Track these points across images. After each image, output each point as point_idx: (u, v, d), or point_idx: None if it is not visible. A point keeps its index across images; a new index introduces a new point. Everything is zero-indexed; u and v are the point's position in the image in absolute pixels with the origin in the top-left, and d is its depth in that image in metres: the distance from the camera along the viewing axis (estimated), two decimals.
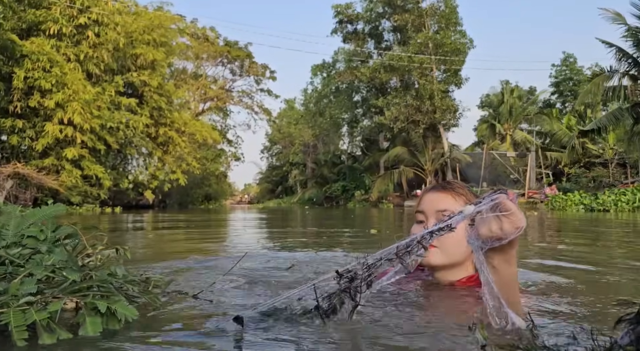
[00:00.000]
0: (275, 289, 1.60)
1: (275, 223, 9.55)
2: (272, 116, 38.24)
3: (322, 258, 2.87)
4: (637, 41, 18.92)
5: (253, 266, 2.25)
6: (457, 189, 1.45)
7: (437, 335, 1.02)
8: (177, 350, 0.90)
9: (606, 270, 2.30)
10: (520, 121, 38.57)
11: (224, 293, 1.52)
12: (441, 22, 31.94)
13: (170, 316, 1.17)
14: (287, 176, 57.82)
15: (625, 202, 14.63)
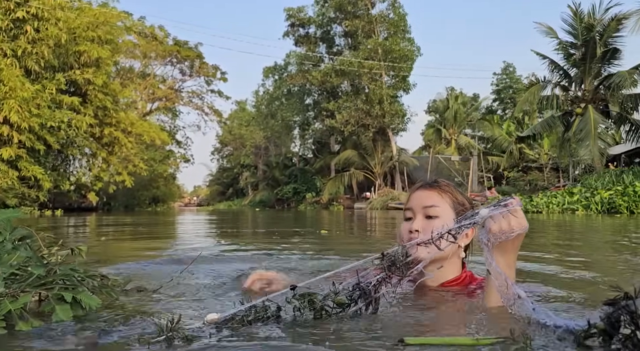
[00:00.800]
0: (231, 287, 1.73)
1: (226, 224, 9.55)
2: (223, 118, 37.81)
3: (274, 257, 3.01)
4: (567, 54, 20.39)
5: (207, 266, 2.36)
6: (443, 186, 1.51)
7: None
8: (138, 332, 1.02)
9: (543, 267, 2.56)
10: (464, 126, 40.31)
11: (180, 289, 1.64)
12: (390, 29, 32.85)
13: (131, 307, 1.28)
14: (238, 178, 57.22)
15: (555, 204, 15.76)
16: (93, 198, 21.94)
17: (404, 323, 1.17)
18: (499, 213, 1.16)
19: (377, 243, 5.01)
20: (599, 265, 2.91)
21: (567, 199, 15.73)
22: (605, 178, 16.96)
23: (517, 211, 1.16)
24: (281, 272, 1.65)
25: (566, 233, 6.62)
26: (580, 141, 19.18)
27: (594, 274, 2.24)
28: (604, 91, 19.62)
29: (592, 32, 19.07)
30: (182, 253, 3.28)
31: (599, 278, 2.11)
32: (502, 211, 1.16)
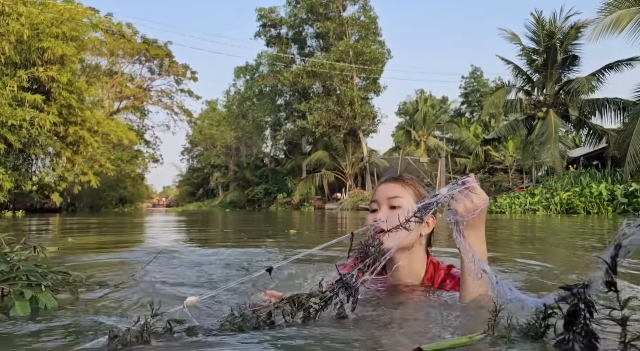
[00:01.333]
0: (197, 284, 1.79)
1: (195, 225, 9.49)
2: (193, 117, 37.30)
3: (242, 253, 3.07)
4: (530, 60, 21.13)
5: (169, 262, 2.41)
6: (407, 180, 1.58)
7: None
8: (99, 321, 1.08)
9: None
10: (433, 128, 41.05)
11: (140, 285, 1.70)
12: (361, 32, 33.20)
13: (93, 302, 1.34)
14: (209, 178, 56.57)
15: (518, 205, 16.33)
16: (57, 199, 21.31)
17: (405, 331, 1.17)
18: (457, 190, 1.23)
19: (344, 241, 5.12)
20: (554, 259, 3.11)
21: (529, 200, 16.31)
22: (565, 179, 17.68)
23: (475, 188, 1.24)
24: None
25: (526, 231, 6.92)
26: (542, 144, 19.90)
27: (550, 266, 2.42)
28: (564, 96, 20.42)
29: (553, 39, 19.83)
30: (144, 252, 3.31)
31: (554, 269, 2.29)
32: (461, 189, 1.23)
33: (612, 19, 14.99)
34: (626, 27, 14.91)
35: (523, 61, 21.32)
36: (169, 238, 5.48)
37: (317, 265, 2.28)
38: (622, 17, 14.83)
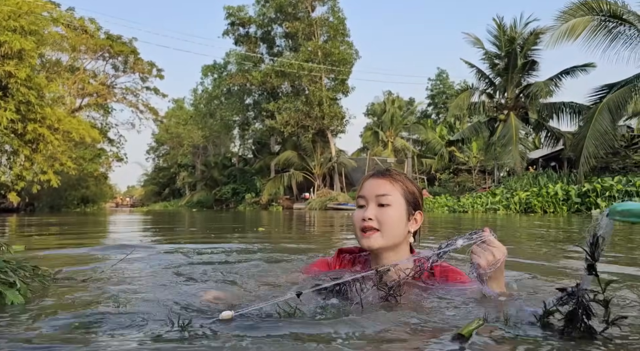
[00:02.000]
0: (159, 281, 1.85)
1: (161, 225, 9.38)
2: (159, 116, 36.52)
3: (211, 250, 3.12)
4: (492, 64, 21.83)
5: (141, 259, 2.45)
6: (395, 175, 1.52)
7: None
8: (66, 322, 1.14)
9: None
10: (400, 129, 41.74)
11: (110, 281, 1.75)
12: (330, 33, 33.43)
13: (61, 296, 1.38)
14: (175, 178, 55.64)
15: (480, 204, 16.88)
16: (14, 199, 20.52)
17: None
18: (474, 243, 1.27)
19: (311, 238, 5.22)
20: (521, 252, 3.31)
21: (490, 199, 16.89)
22: (524, 180, 18.38)
23: (492, 241, 1.26)
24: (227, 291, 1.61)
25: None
26: (503, 145, 20.59)
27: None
28: (524, 100, 21.21)
29: (514, 45, 20.58)
30: (110, 250, 3.31)
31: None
32: (478, 242, 1.26)
33: (567, 27, 15.69)
34: (581, 34, 15.63)
35: (486, 65, 22.02)
36: (137, 235, 5.43)
37: (282, 266, 2.36)
38: (577, 25, 15.56)
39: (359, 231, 1.47)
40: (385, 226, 1.44)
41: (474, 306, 1.25)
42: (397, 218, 1.45)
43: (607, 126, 15.89)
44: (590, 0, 15.49)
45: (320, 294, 1.29)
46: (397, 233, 1.46)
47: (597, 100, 17.12)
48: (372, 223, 1.43)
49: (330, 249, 3.64)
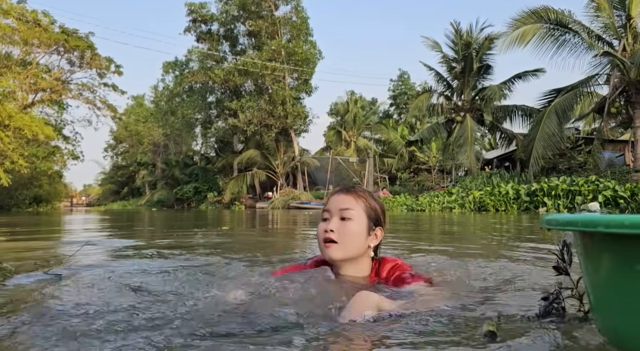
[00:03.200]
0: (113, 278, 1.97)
1: (118, 224, 9.26)
2: (118, 113, 35.56)
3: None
4: (450, 67, 22.58)
5: (95, 255, 2.55)
6: (359, 192, 1.61)
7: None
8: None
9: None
10: (363, 129, 42.32)
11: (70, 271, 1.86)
12: (293, 32, 33.48)
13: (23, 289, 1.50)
14: (134, 176, 54.27)
15: (436, 203, 17.47)
16: None
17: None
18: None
19: (272, 235, 5.38)
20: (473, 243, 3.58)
21: (447, 198, 17.50)
22: (479, 179, 19.14)
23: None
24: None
25: (447, 225, 7.58)
26: (460, 146, 21.35)
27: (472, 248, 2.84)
28: (480, 102, 22.05)
29: (470, 49, 21.37)
30: (64, 247, 3.36)
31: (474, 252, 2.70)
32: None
33: (518, 34, 16.49)
34: (530, 41, 16.48)
35: (444, 68, 22.75)
36: (92, 234, 5.42)
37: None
38: (527, 32, 16.37)
39: (321, 242, 1.54)
40: (345, 239, 1.51)
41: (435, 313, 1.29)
42: (357, 232, 1.53)
43: (554, 129, 16.81)
44: (539, 9, 16.34)
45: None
46: (356, 246, 1.53)
47: (546, 104, 18.08)
48: (333, 235, 1.51)
49: (296, 249, 3.81)
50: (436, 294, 1.44)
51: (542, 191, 14.44)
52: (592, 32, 16.56)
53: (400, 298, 1.35)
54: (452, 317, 1.23)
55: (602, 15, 16.07)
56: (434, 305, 1.31)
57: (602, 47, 16.31)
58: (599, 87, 17.19)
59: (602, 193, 12.98)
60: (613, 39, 16.54)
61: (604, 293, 0.92)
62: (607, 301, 0.91)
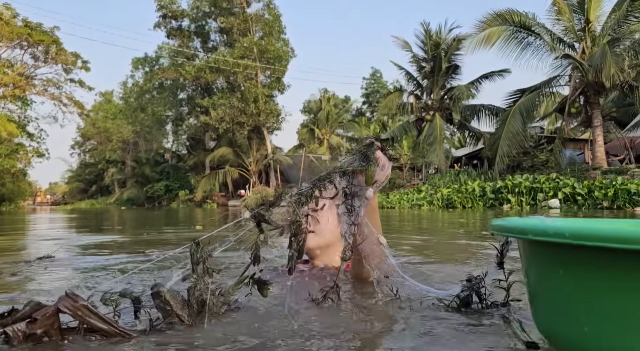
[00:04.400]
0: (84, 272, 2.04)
1: (84, 222, 9.13)
2: (85, 109, 34.70)
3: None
4: (419, 67, 22.99)
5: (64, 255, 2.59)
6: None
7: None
8: None
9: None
10: (335, 127, 42.57)
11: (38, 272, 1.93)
12: (265, 29, 33.38)
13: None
14: (103, 174, 53.02)
15: (406, 200, 17.82)
16: None
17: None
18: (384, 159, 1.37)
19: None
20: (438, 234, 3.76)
21: (416, 196, 17.88)
22: (447, 177, 19.63)
23: (380, 156, 1.37)
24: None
25: (416, 221, 7.81)
26: (429, 144, 21.80)
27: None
28: (449, 101, 22.55)
29: (439, 49, 21.82)
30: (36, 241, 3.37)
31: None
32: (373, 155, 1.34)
33: (484, 35, 16.98)
34: (496, 42, 17.00)
35: (414, 68, 23.14)
36: (61, 233, 5.38)
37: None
38: (492, 34, 16.88)
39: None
40: (319, 228, 1.59)
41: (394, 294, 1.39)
42: (330, 221, 1.62)
43: (519, 128, 17.40)
44: (505, 12, 16.85)
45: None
46: (329, 234, 1.62)
47: (511, 103, 18.68)
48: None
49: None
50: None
51: (507, 188, 14.95)
52: (554, 34, 17.20)
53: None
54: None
55: (563, 18, 16.71)
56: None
57: (563, 49, 16.96)
58: (561, 87, 17.90)
59: (562, 190, 13.55)
60: (573, 42, 17.22)
61: (537, 293, 0.99)
62: (538, 300, 0.99)
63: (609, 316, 0.80)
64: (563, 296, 0.89)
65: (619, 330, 0.79)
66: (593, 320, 0.83)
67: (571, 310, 0.87)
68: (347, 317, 1.22)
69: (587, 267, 0.81)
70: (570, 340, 0.91)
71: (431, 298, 1.36)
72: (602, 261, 0.78)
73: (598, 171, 15.58)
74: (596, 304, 0.82)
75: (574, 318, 0.87)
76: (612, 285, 0.79)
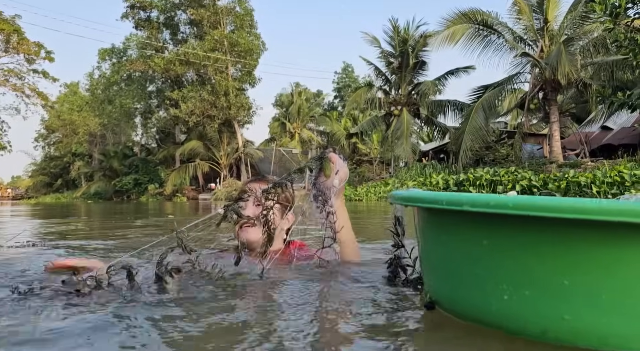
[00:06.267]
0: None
1: (49, 213, 9.09)
2: (50, 101, 33.74)
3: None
4: (388, 62, 23.43)
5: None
6: (270, 181, 1.76)
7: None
8: None
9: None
10: (307, 121, 42.74)
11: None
12: (236, 22, 33.17)
13: None
14: (69, 168, 51.62)
15: (373, 193, 18.29)
16: None
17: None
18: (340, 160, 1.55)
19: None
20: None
21: (383, 189, 18.36)
22: (413, 170, 20.18)
23: (337, 160, 1.54)
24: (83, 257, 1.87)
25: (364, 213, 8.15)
26: (397, 139, 22.30)
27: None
28: (416, 97, 23.10)
29: (406, 45, 22.30)
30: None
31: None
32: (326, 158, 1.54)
33: (449, 33, 17.51)
34: (460, 40, 17.56)
35: (382, 63, 23.56)
36: (23, 226, 5.45)
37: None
38: (456, 32, 17.42)
39: (237, 227, 1.67)
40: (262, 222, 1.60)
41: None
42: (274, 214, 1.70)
43: (481, 123, 18.05)
44: (468, 11, 17.40)
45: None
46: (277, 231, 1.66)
47: (475, 99, 19.32)
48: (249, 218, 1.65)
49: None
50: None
51: (469, 181, 15.55)
52: (515, 33, 17.88)
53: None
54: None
55: (523, 18, 17.39)
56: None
57: (523, 48, 17.66)
58: (523, 84, 18.65)
59: (520, 182, 14.21)
60: (533, 41, 17.94)
61: (427, 259, 1.11)
62: (432, 268, 1.11)
63: (481, 276, 0.95)
64: (448, 261, 1.03)
65: (480, 288, 0.94)
66: (473, 281, 0.96)
67: (451, 273, 1.01)
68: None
69: (473, 231, 0.94)
70: (450, 300, 1.05)
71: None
72: (484, 226, 0.92)
73: (554, 164, 16.37)
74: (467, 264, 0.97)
75: (456, 280, 1.01)
76: (487, 248, 0.92)
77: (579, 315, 0.86)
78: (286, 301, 1.25)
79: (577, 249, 0.84)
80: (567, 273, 0.86)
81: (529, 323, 0.91)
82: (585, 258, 0.84)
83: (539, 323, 0.90)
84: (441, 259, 1.08)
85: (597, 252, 0.83)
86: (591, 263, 0.83)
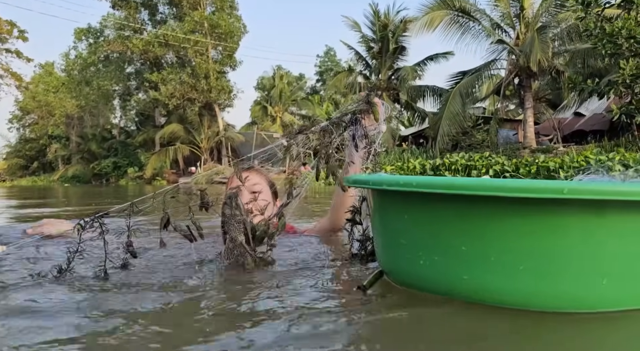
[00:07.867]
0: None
1: (25, 196, 9.07)
2: (24, 82, 32.95)
3: None
4: (368, 47, 23.53)
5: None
6: (259, 169, 1.87)
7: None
8: None
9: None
10: (289, 104, 42.60)
11: None
12: (217, 4, 32.68)
13: None
14: (46, 150, 50.60)
15: None
16: None
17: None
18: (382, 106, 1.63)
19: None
20: None
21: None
22: (392, 155, 20.49)
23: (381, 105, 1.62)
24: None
25: None
26: None
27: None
28: (396, 82, 23.31)
29: (387, 31, 22.41)
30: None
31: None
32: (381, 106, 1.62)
33: (427, 19, 17.68)
34: (438, 26, 17.74)
35: (363, 48, 23.65)
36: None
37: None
38: (435, 18, 17.59)
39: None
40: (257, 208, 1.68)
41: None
42: (266, 202, 1.78)
43: (459, 109, 18.41)
44: None
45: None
46: (267, 215, 1.70)
47: (453, 85, 19.64)
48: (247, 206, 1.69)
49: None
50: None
51: (444, 166, 15.93)
52: (492, 20, 18.14)
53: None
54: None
55: (500, 5, 17.65)
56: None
57: (500, 34, 17.95)
58: (500, 71, 19.01)
59: (493, 167, 14.64)
60: (509, 28, 18.25)
61: (382, 236, 1.19)
62: (381, 242, 1.20)
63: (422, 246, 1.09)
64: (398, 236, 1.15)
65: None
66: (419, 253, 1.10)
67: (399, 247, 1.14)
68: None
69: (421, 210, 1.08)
70: (391, 269, 1.18)
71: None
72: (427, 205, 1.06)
73: (527, 149, 16.86)
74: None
75: (392, 252, 1.16)
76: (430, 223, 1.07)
77: (475, 275, 1.08)
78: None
79: (468, 219, 1.04)
80: (464, 240, 1.06)
81: (439, 284, 1.09)
82: (474, 227, 1.04)
83: (446, 283, 1.07)
84: (382, 234, 1.23)
85: (481, 221, 1.02)
86: (479, 230, 1.04)
